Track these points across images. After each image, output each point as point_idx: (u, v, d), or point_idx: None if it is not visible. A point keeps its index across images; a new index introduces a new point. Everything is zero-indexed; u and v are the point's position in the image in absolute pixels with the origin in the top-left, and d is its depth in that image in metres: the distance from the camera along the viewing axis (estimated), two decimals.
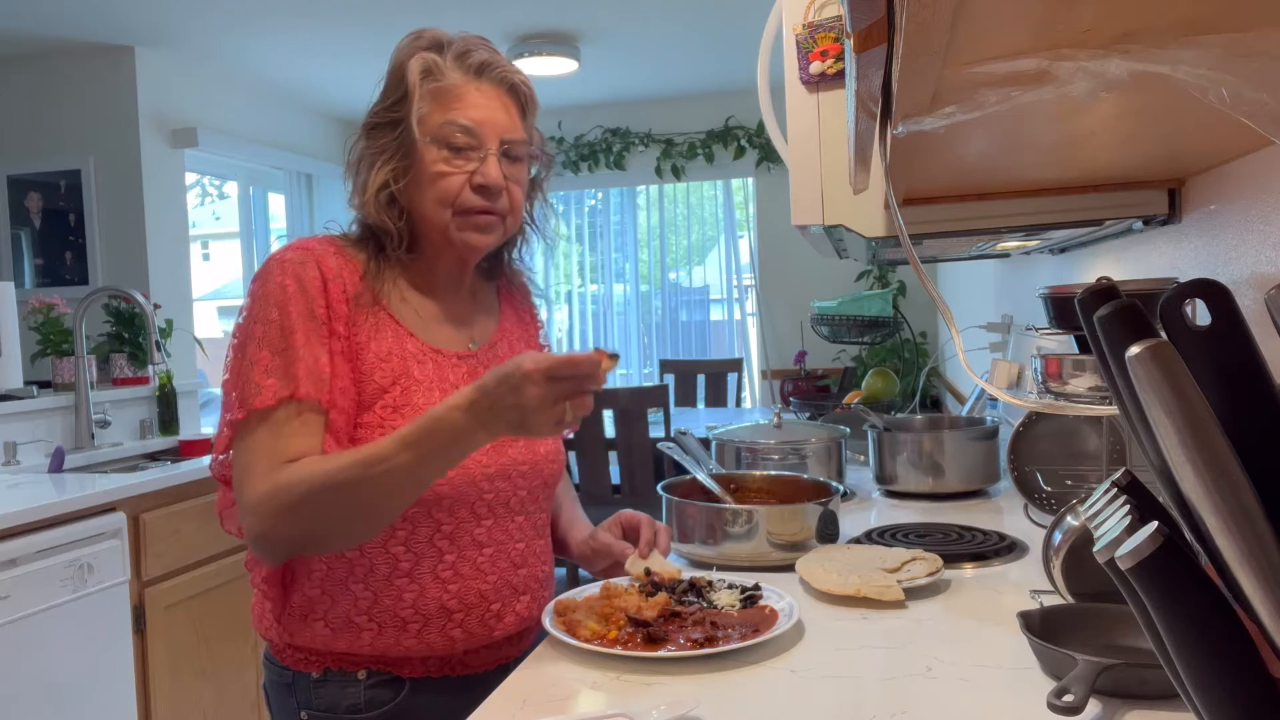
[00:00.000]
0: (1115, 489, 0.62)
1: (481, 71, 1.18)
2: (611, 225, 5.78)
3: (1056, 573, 1.16)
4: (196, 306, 4.48)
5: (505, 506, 1.20)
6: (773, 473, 1.66)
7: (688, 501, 1.48)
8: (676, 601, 1.19)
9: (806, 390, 4.39)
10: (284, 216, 5.32)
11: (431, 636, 1.16)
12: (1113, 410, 1.11)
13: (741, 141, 5.34)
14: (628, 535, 1.35)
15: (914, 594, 1.26)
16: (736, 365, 5.19)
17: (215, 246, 10.10)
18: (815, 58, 1.41)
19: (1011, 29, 0.54)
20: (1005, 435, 1.77)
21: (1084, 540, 1.12)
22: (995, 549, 1.45)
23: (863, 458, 2.12)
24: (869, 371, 3.73)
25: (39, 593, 2.26)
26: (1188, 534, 0.54)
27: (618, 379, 5.78)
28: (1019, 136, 0.94)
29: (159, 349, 3.25)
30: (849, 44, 0.57)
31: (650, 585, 1.24)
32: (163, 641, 2.66)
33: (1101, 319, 0.52)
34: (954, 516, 1.69)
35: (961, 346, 0.94)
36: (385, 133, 1.18)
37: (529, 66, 4.22)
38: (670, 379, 5.13)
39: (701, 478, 1.58)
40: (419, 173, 1.17)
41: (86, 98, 4.05)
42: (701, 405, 5.17)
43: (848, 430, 1.98)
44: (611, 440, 3.60)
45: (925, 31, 0.49)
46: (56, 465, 2.96)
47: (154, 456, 3.40)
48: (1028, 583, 1.29)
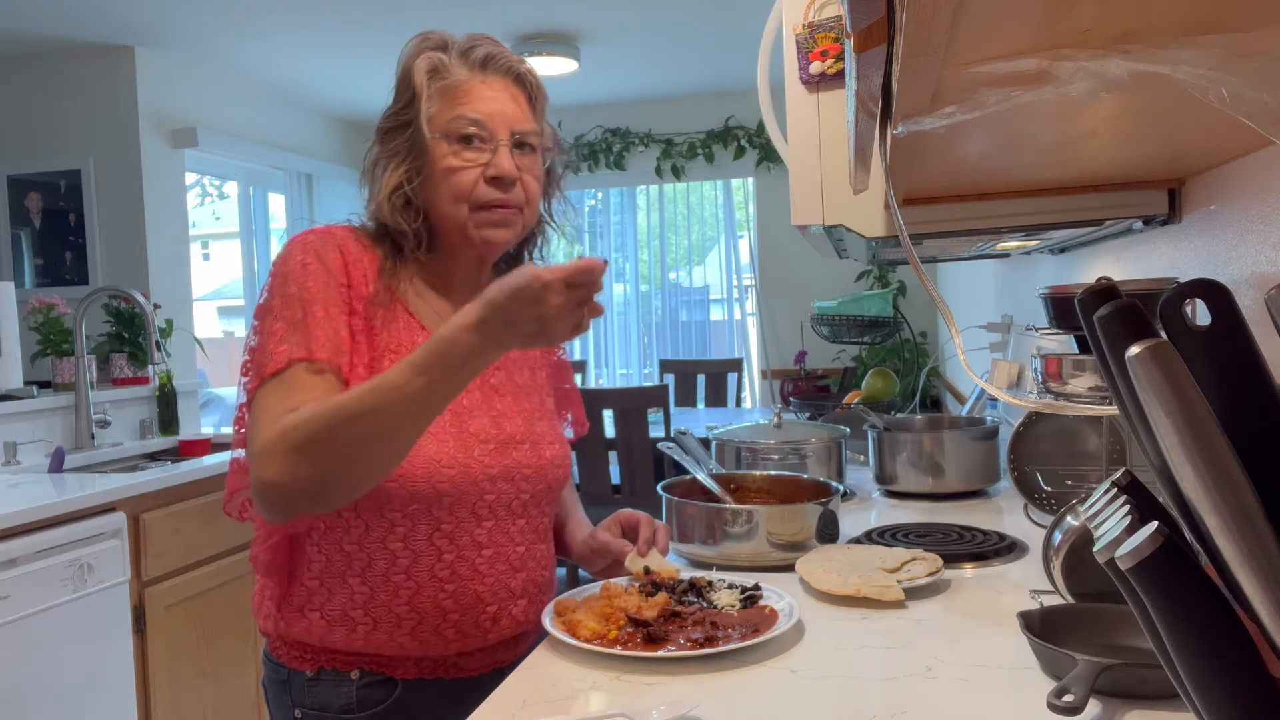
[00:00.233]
0: (1115, 489, 0.62)
1: (486, 64, 1.19)
2: (611, 225, 5.78)
3: (1056, 573, 1.16)
4: (196, 306, 4.48)
5: (507, 509, 1.20)
6: (773, 473, 1.66)
7: (688, 501, 1.48)
8: (676, 601, 1.19)
9: (806, 390, 4.39)
10: (284, 216, 5.32)
11: (425, 635, 1.16)
12: (1113, 410, 1.11)
13: (741, 141, 5.34)
14: (627, 534, 1.35)
15: (914, 594, 1.26)
16: (736, 365, 5.19)
17: (215, 246, 10.10)
18: (815, 58, 1.41)
19: (1011, 29, 0.54)
20: (1005, 435, 1.77)
21: (1084, 540, 1.12)
22: (995, 549, 1.45)
23: (863, 458, 2.12)
24: (869, 371, 3.73)
25: (39, 593, 2.26)
26: (1188, 534, 0.54)
27: (618, 379, 5.79)
28: (1019, 136, 0.94)
29: (159, 349, 3.24)
30: (849, 44, 0.57)
31: (650, 585, 1.24)
32: (163, 641, 2.66)
33: (1101, 319, 0.52)
34: (954, 516, 1.69)
35: (961, 346, 0.94)
36: (397, 135, 1.19)
37: None
38: (670, 379, 5.13)
39: (701, 478, 1.58)
40: (432, 171, 1.17)
41: (86, 98, 4.05)
42: (701, 405, 5.17)
43: (848, 430, 1.98)
44: (611, 440, 3.61)
45: (925, 31, 0.49)
46: (56, 465, 2.96)
47: (154, 456, 3.40)
48: (1028, 583, 1.29)
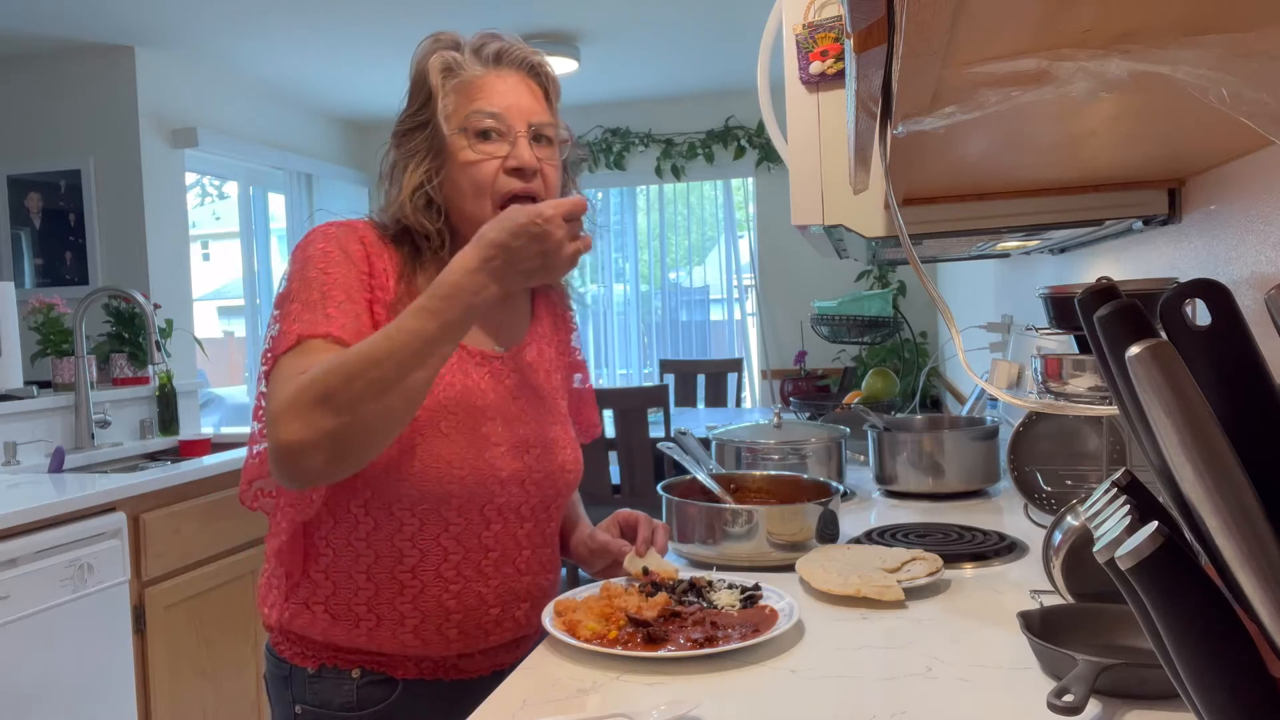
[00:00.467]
0: (1115, 489, 0.62)
1: (499, 59, 1.19)
2: (611, 225, 5.78)
3: (1056, 573, 1.16)
4: (196, 306, 4.48)
5: (516, 513, 1.20)
6: (773, 473, 1.66)
7: (688, 501, 1.48)
8: (676, 601, 1.19)
9: (806, 390, 4.39)
10: (284, 216, 5.32)
11: (428, 634, 1.16)
12: (1113, 410, 1.11)
13: (741, 141, 5.34)
14: (625, 534, 1.36)
15: (914, 594, 1.26)
16: (736, 365, 5.19)
17: (215, 246, 10.10)
18: (815, 58, 1.41)
19: (1012, 29, 0.54)
20: (1005, 435, 1.77)
21: (1084, 540, 1.12)
22: (995, 549, 1.45)
23: (863, 458, 2.12)
24: (869, 371, 3.73)
25: (39, 593, 2.26)
26: (1188, 534, 0.54)
27: (618, 379, 5.79)
28: (1019, 136, 0.94)
29: (159, 349, 3.24)
30: (849, 44, 0.57)
31: (650, 585, 1.24)
32: (163, 641, 2.66)
33: (1101, 319, 0.52)
34: (954, 516, 1.69)
35: (961, 346, 0.94)
36: (415, 136, 1.19)
37: None
38: (670, 379, 5.13)
39: (701, 478, 1.58)
40: (452, 168, 1.17)
41: (86, 98, 4.05)
42: (701, 405, 5.17)
43: (848, 430, 1.98)
44: (611, 440, 3.60)
45: (925, 31, 0.49)
46: (56, 465, 2.96)
47: (154, 456, 3.40)
48: (1028, 583, 1.29)
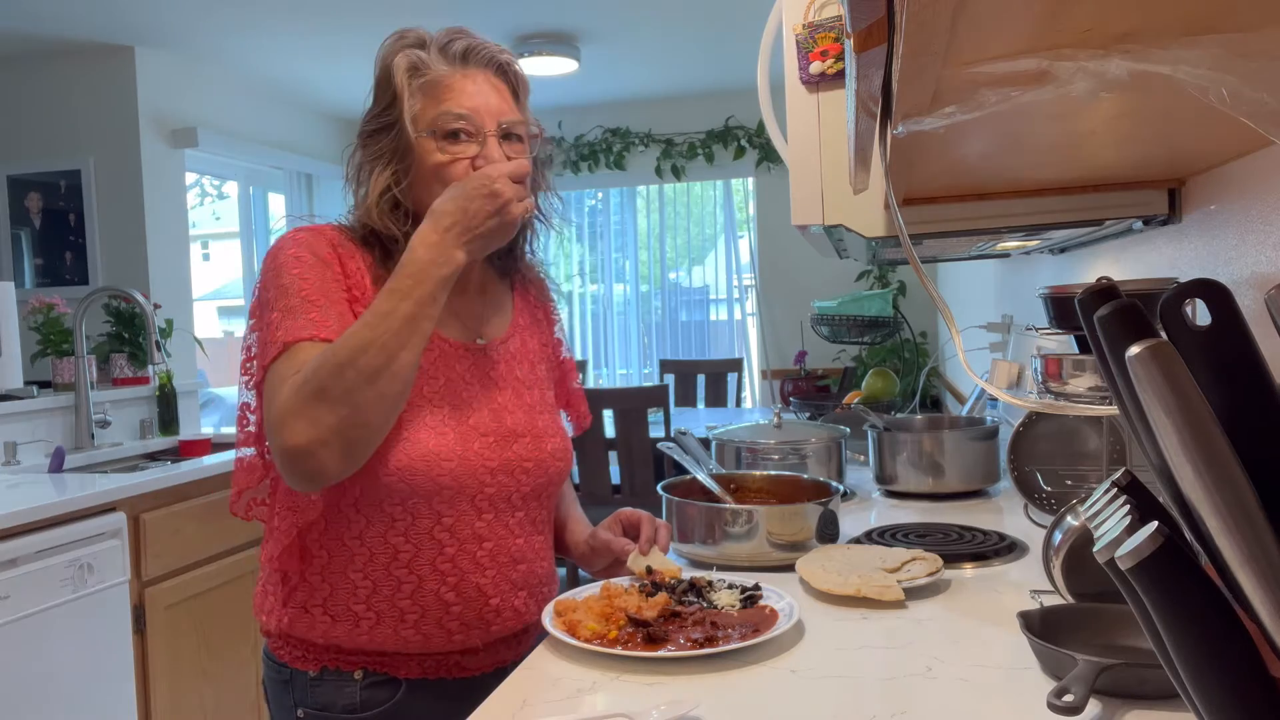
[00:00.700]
0: (1115, 489, 0.62)
1: (467, 57, 1.18)
2: (611, 225, 5.78)
3: (1056, 573, 1.16)
4: (196, 306, 4.48)
5: (507, 502, 1.20)
6: (773, 473, 1.66)
7: (688, 501, 1.48)
8: (676, 601, 1.19)
9: (806, 390, 4.39)
10: (284, 216, 5.32)
11: (428, 629, 1.16)
12: (1113, 410, 1.11)
13: (741, 141, 5.34)
14: (627, 533, 1.36)
15: (914, 594, 1.26)
16: (736, 365, 5.19)
17: (215, 246, 10.10)
18: (815, 58, 1.41)
19: (1012, 29, 0.54)
20: (1005, 435, 1.77)
21: (1084, 540, 1.12)
22: (995, 549, 1.45)
23: (863, 458, 2.12)
24: (869, 371, 3.73)
25: (39, 593, 2.26)
26: (1188, 534, 0.54)
27: (618, 379, 5.79)
28: (1019, 136, 0.94)
29: (159, 349, 3.24)
30: (849, 44, 0.57)
31: (650, 585, 1.24)
32: (163, 641, 2.66)
33: (1101, 319, 0.52)
34: (954, 516, 1.69)
35: (961, 346, 0.94)
36: (381, 138, 1.18)
37: (529, 66, 4.23)
38: (670, 379, 5.13)
39: (701, 478, 1.58)
40: (420, 170, 1.17)
41: (86, 98, 4.05)
42: (701, 405, 5.17)
43: (848, 430, 1.98)
44: (611, 440, 3.60)
45: (925, 31, 0.49)
46: (56, 465, 2.96)
47: (154, 456, 3.40)
48: (1028, 583, 1.29)
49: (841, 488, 1.62)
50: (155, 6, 3.60)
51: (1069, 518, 1.18)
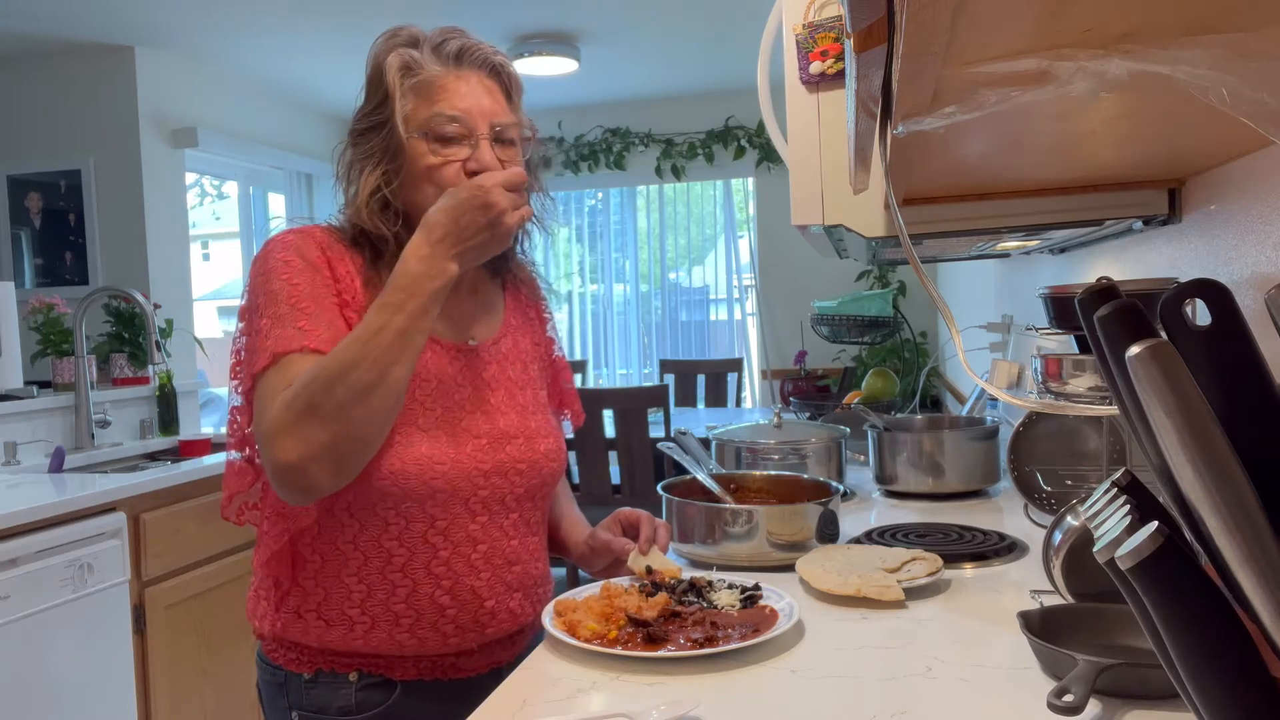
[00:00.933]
0: (1115, 489, 0.62)
1: (460, 58, 1.17)
2: (611, 225, 5.78)
3: (1056, 573, 1.16)
4: (196, 306, 4.48)
5: (500, 503, 1.20)
6: (773, 473, 1.66)
7: (688, 501, 1.48)
8: (676, 601, 1.19)
9: (806, 390, 4.39)
10: (284, 216, 5.32)
11: (424, 632, 1.16)
12: (1113, 410, 1.11)
13: (741, 141, 5.34)
14: (627, 532, 1.35)
15: (914, 594, 1.26)
16: (736, 365, 5.19)
17: (215, 246, 10.10)
18: (815, 58, 1.41)
19: (1012, 29, 0.54)
20: (1005, 435, 1.77)
21: (1084, 540, 1.12)
22: (995, 549, 1.45)
23: (863, 458, 2.12)
24: (869, 371, 3.73)
25: (39, 593, 2.26)
26: (1188, 534, 0.54)
27: (618, 379, 5.79)
28: (1019, 136, 0.94)
29: (159, 349, 3.24)
30: (849, 44, 0.57)
31: (650, 585, 1.24)
32: (163, 641, 2.66)
33: (1101, 319, 0.52)
34: (954, 516, 1.69)
35: (961, 346, 0.94)
36: (371, 137, 1.17)
37: (529, 66, 4.23)
38: (670, 379, 5.13)
39: (701, 478, 1.58)
40: (411, 171, 1.16)
41: (86, 98, 4.05)
42: (701, 405, 5.17)
43: (848, 430, 1.98)
44: (611, 440, 3.60)
45: (925, 31, 0.49)
46: (56, 465, 2.96)
47: (154, 456, 3.40)
48: (1028, 583, 1.29)
49: (841, 488, 1.62)
50: (155, 6, 3.60)
51: (1069, 518, 1.18)
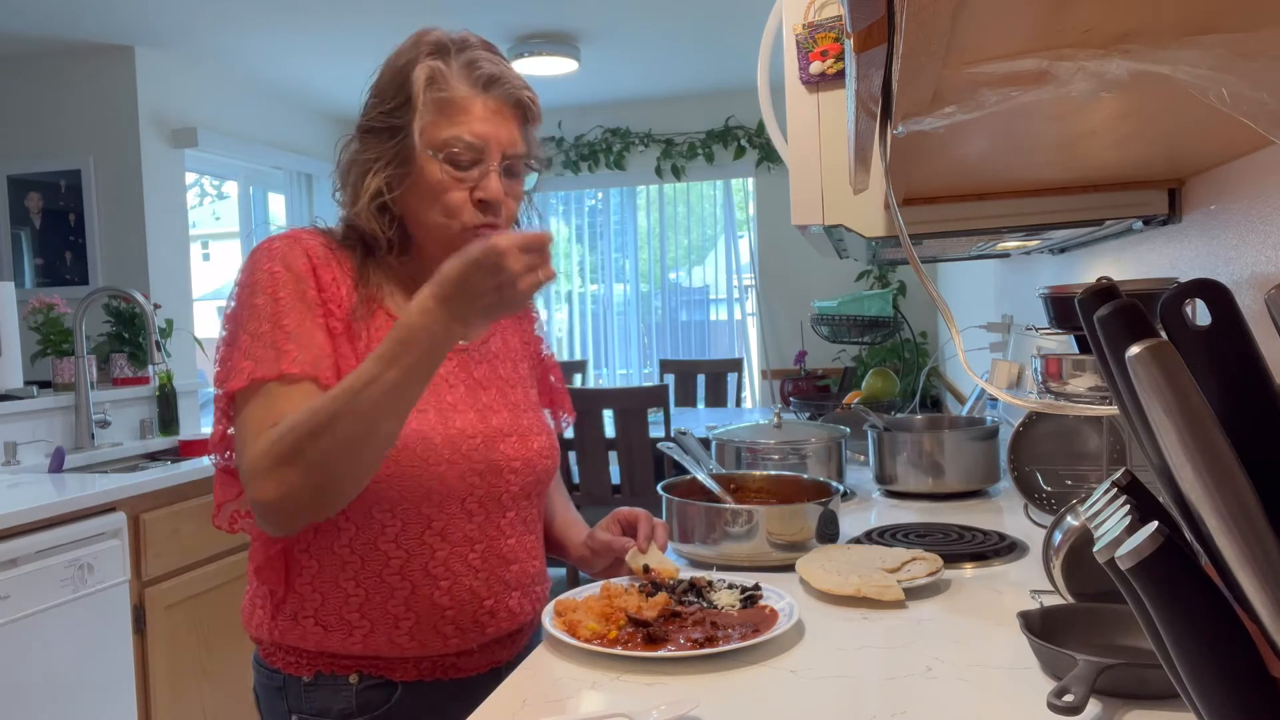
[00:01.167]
0: (1115, 489, 0.62)
1: (489, 86, 1.15)
2: (611, 225, 5.78)
3: (1056, 573, 1.16)
4: (196, 306, 4.47)
5: (496, 502, 1.20)
6: (773, 473, 1.66)
7: (688, 501, 1.48)
8: (676, 601, 1.19)
9: (806, 390, 4.39)
10: (284, 216, 5.32)
11: (424, 634, 1.15)
12: (1113, 410, 1.11)
13: (741, 141, 5.34)
14: (626, 531, 1.35)
15: (914, 594, 1.26)
16: (736, 365, 5.19)
17: (215, 246, 10.10)
18: (815, 58, 1.41)
19: (1012, 29, 0.54)
20: (1005, 435, 1.77)
21: (1084, 540, 1.12)
22: (995, 549, 1.45)
23: (863, 458, 2.12)
24: (869, 371, 3.73)
25: (39, 593, 2.26)
26: (1188, 534, 0.54)
27: (618, 379, 5.79)
28: (1019, 136, 0.94)
29: (159, 349, 3.25)
30: (849, 44, 0.57)
31: (650, 585, 1.24)
32: (163, 641, 2.66)
33: (1101, 319, 0.52)
34: (954, 516, 1.69)
35: (961, 346, 0.94)
36: (382, 138, 1.16)
37: (529, 66, 4.22)
38: (670, 379, 5.13)
39: (701, 478, 1.58)
40: (418, 184, 1.15)
41: (86, 98, 4.05)
42: (701, 405, 5.17)
43: (848, 430, 1.98)
44: (611, 440, 3.60)
45: (925, 31, 0.49)
46: (56, 465, 2.96)
47: (154, 456, 3.40)
48: (1028, 583, 1.29)
49: (841, 488, 1.62)
50: (155, 6, 3.60)
51: (1069, 518, 1.18)
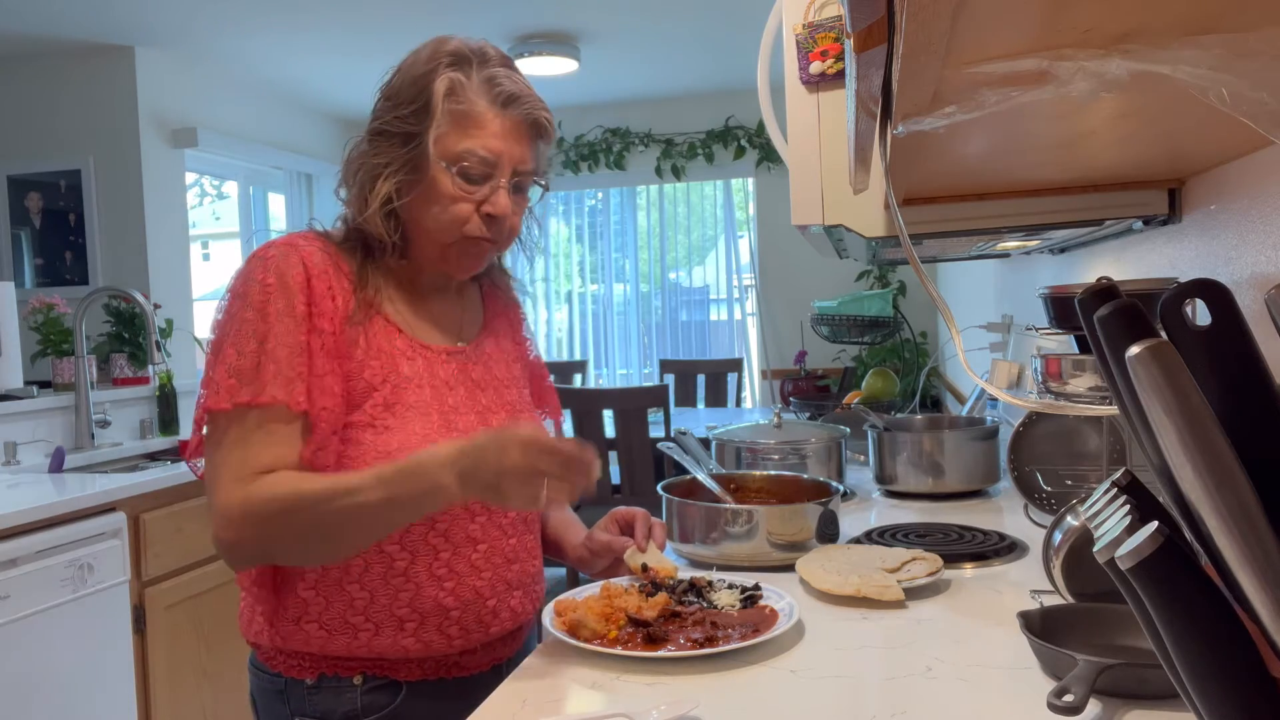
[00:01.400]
0: (1115, 489, 0.62)
1: (508, 104, 1.16)
2: (611, 225, 5.78)
3: (1056, 573, 1.16)
4: (196, 306, 4.47)
5: None
6: (773, 473, 1.66)
7: (688, 501, 1.48)
8: (676, 601, 1.19)
9: (806, 390, 4.39)
10: (284, 216, 5.32)
11: (429, 635, 1.15)
12: (1113, 410, 1.11)
13: (741, 141, 5.33)
14: (624, 530, 1.35)
15: (914, 594, 1.26)
16: (736, 365, 5.19)
17: (215, 246, 10.09)
18: (815, 58, 1.41)
19: (1012, 29, 0.54)
20: (1005, 435, 1.77)
21: (1084, 540, 1.12)
22: (995, 549, 1.45)
23: (863, 458, 2.12)
24: (869, 371, 3.73)
25: (39, 593, 2.26)
26: (1188, 534, 0.54)
27: (618, 379, 5.79)
28: (1019, 136, 0.94)
29: (159, 349, 3.24)
30: (849, 44, 0.57)
31: (650, 585, 1.24)
32: (163, 641, 2.66)
33: (1101, 319, 0.52)
34: (954, 516, 1.69)
35: (961, 346, 0.94)
36: (395, 144, 1.15)
37: (529, 66, 4.22)
38: (670, 379, 5.13)
39: (701, 478, 1.58)
40: (428, 192, 1.15)
41: (86, 98, 4.05)
42: (701, 405, 5.17)
43: (848, 430, 1.98)
44: (611, 440, 3.61)
45: (926, 31, 0.49)
46: (56, 465, 2.96)
47: (154, 456, 3.40)
48: (1028, 583, 1.29)
49: (841, 488, 1.62)
50: (155, 6, 3.60)
51: (1069, 518, 1.18)
